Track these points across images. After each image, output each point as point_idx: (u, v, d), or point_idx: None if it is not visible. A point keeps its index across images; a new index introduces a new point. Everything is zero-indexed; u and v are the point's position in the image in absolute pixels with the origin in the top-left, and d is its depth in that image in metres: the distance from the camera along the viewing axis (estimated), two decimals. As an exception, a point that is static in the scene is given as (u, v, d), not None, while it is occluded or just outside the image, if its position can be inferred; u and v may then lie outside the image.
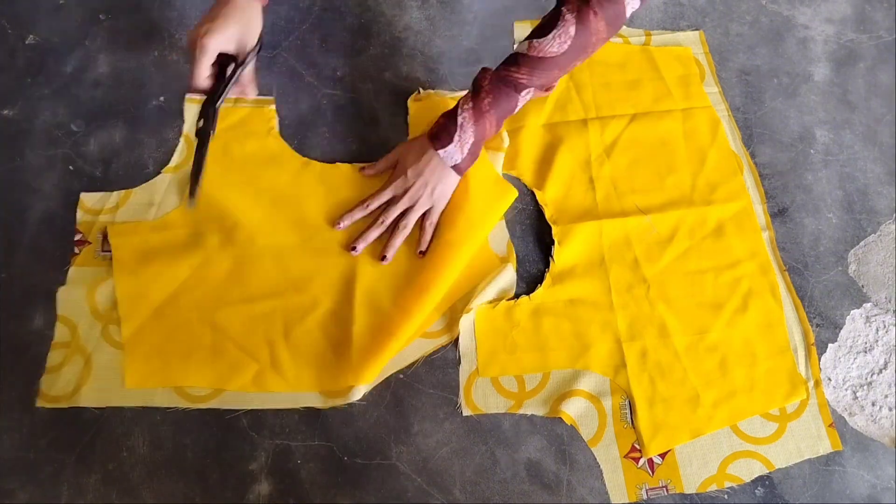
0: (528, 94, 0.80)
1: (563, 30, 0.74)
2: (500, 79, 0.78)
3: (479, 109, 0.78)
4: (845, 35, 1.05)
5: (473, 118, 0.79)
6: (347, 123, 0.93)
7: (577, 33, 0.74)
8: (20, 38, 0.97)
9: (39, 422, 0.76)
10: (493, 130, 0.81)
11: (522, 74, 0.77)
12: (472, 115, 0.78)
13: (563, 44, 0.75)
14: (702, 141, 0.94)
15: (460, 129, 0.79)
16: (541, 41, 0.75)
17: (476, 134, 0.79)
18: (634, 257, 0.86)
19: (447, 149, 0.80)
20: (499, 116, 0.80)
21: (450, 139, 0.79)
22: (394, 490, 0.75)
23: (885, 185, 0.94)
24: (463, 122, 0.79)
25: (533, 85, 0.78)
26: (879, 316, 0.86)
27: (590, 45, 0.76)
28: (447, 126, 0.80)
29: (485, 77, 0.79)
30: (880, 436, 0.79)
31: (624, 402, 0.79)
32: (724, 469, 0.77)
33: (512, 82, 0.78)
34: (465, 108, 0.79)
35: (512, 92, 0.78)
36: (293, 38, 0.99)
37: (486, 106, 0.78)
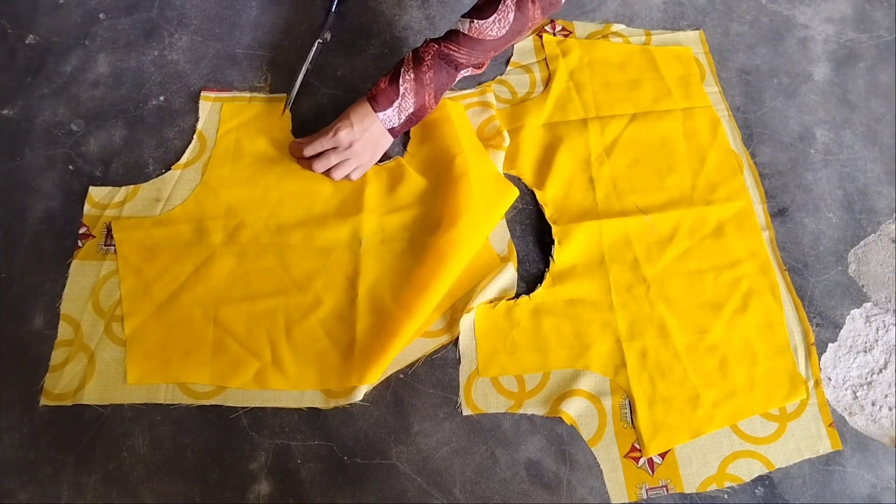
0: (466, 72, 0.84)
1: (503, 15, 0.79)
2: (441, 55, 0.81)
3: (421, 81, 0.82)
4: (845, 34, 1.05)
5: (414, 89, 0.82)
6: (347, 123, 0.93)
7: (515, 19, 0.79)
8: (20, 37, 0.97)
9: (39, 422, 0.76)
10: (433, 103, 0.84)
11: (462, 54, 0.81)
12: (414, 86, 0.82)
13: (502, 28, 0.79)
14: (702, 141, 0.94)
15: (401, 98, 0.82)
16: (481, 24, 0.79)
17: (416, 104, 0.83)
18: (634, 257, 0.86)
19: (386, 112, 0.83)
20: (437, 90, 0.83)
21: (389, 104, 0.82)
22: (394, 490, 0.75)
23: (885, 185, 0.94)
24: (405, 91, 0.82)
25: (470, 64, 0.83)
26: (879, 315, 0.86)
27: (525, 29, 0.81)
28: (388, 92, 0.82)
29: (427, 51, 0.82)
30: (880, 435, 0.79)
31: (624, 402, 0.79)
32: (724, 469, 0.77)
33: (453, 61, 0.81)
34: (406, 77, 0.82)
35: (451, 70, 0.82)
36: (293, 37, 0.99)
37: (427, 79, 0.82)
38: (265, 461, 0.75)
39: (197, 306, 0.80)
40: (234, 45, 0.98)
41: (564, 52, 0.98)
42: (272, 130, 0.91)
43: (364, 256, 0.83)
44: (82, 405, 0.76)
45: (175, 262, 0.82)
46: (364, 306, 0.81)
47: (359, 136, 0.83)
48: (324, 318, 0.80)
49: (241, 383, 0.77)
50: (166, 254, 0.82)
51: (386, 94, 0.82)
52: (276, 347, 0.79)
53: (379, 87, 0.83)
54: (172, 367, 0.78)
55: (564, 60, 0.98)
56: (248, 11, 1.00)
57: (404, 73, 0.82)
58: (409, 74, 0.82)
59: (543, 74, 0.98)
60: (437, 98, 0.84)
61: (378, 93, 0.83)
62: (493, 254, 0.85)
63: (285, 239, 0.84)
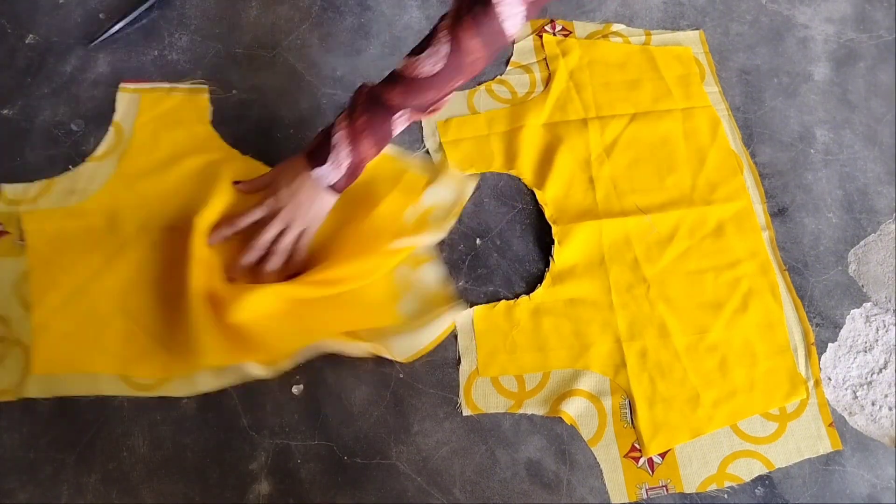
0: (403, 116, 0.73)
1: (436, 49, 0.68)
2: (373, 98, 0.72)
3: (355, 129, 0.73)
4: (845, 34, 1.05)
5: (349, 138, 0.73)
6: (347, 123, 0.93)
7: (451, 53, 0.68)
8: (20, 37, 0.97)
9: (39, 422, 0.76)
10: (373, 152, 0.75)
11: (396, 94, 0.71)
12: (348, 135, 0.73)
13: (437, 64, 0.68)
14: (702, 141, 0.94)
15: (335, 150, 0.73)
16: (415, 60, 0.69)
17: (352, 155, 0.74)
18: (634, 257, 0.86)
19: (321, 169, 0.74)
20: (376, 138, 0.74)
21: (324, 159, 0.74)
22: (394, 490, 0.75)
23: (885, 185, 0.94)
24: (337, 142, 0.73)
25: (407, 106, 0.72)
26: (879, 315, 0.86)
27: (465, 65, 0.69)
28: (322, 145, 0.74)
29: (360, 95, 0.74)
30: (880, 435, 0.79)
31: (624, 402, 0.79)
32: (723, 469, 0.77)
33: (384, 103, 0.72)
34: (340, 126, 0.73)
35: (385, 114, 0.72)
36: (293, 37, 0.99)
37: (360, 125, 0.73)
38: (265, 461, 0.75)
39: (106, 297, 0.80)
40: (234, 45, 0.98)
41: (564, 52, 0.98)
42: (191, 122, 0.91)
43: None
44: (82, 405, 0.76)
45: (85, 253, 0.81)
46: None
47: (285, 201, 0.76)
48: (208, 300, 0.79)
49: (149, 372, 0.77)
50: (77, 245, 0.82)
51: (320, 148, 0.74)
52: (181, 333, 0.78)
53: (313, 143, 0.76)
54: (79, 356, 0.77)
55: (564, 60, 0.98)
56: (248, 11, 1.00)
57: (338, 122, 0.74)
58: (343, 123, 0.73)
59: (543, 74, 0.98)
60: (377, 146, 0.75)
61: (312, 147, 0.76)
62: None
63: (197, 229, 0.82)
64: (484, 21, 0.66)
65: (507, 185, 0.91)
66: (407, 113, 0.73)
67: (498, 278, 0.85)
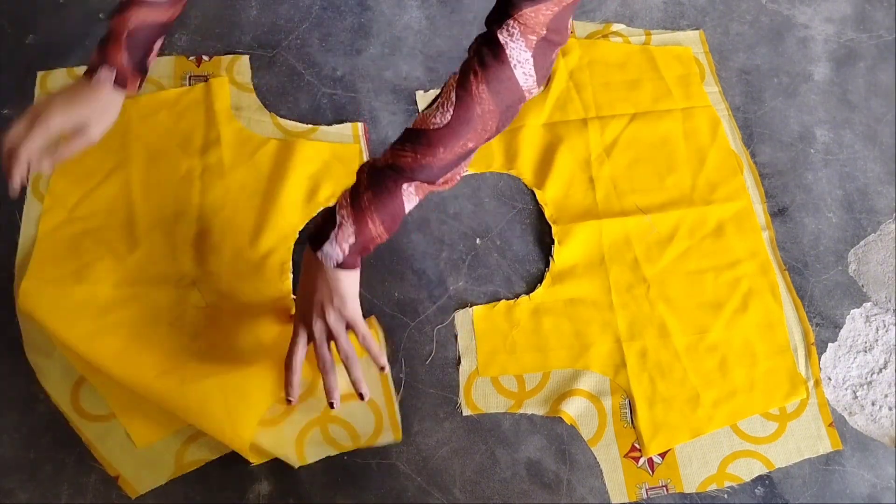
0: (410, 188, 0.67)
1: (447, 97, 0.64)
2: (377, 171, 0.67)
3: (359, 206, 0.67)
4: (845, 34, 1.05)
5: (353, 215, 0.67)
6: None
7: (459, 100, 0.63)
8: (20, 37, 0.97)
9: (39, 422, 0.76)
10: (380, 230, 0.68)
11: (406, 152, 0.65)
12: (352, 213, 0.67)
13: (446, 113, 0.64)
14: (702, 140, 0.94)
15: (338, 228, 0.67)
16: (427, 112, 0.65)
17: (357, 233, 0.67)
18: (634, 257, 0.86)
19: (323, 249, 0.67)
20: (382, 215, 0.67)
21: (325, 238, 0.67)
22: (394, 490, 0.75)
23: (885, 185, 0.94)
24: (341, 220, 0.67)
25: (417, 166, 0.65)
26: (879, 315, 0.86)
27: (475, 117, 0.64)
28: (324, 226, 0.68)
29: (363, 170, 0.68)
30: (880, 435, 0.79)
31: (624, 402, 0.79)
32: (723, 468, 0.77)
33: (394, 168, 0.66)
34: (343, 203, 0.68)
35: (392, 185, 0.66)
36: (293, 37, 0.99)
37: (364, 202, 0.66)
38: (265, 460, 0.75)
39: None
40: (234, 45, 0.98)
41: (564, 52, 0.98)
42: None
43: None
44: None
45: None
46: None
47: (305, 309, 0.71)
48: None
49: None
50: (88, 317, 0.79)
51: (322, 228, 0.68)
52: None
53: (316, 223, 0.70)
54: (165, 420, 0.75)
55: (564, 60, 0.98)
56: (248, 11, 1.00)
57: (341, 200, 0.68)
58: (346, 199, 0.67)
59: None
60: (384, 222, 0.67)
61: (315, 230, 0.70)
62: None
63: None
64: (492, 65, 0.63)
65: (507, 185, 0.91)
66: (414, 187, 0.67)
67: (498, 278, 0.85)
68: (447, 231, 0.87)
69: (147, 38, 0.74)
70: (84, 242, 0.82)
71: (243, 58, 0.96)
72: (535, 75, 0.64)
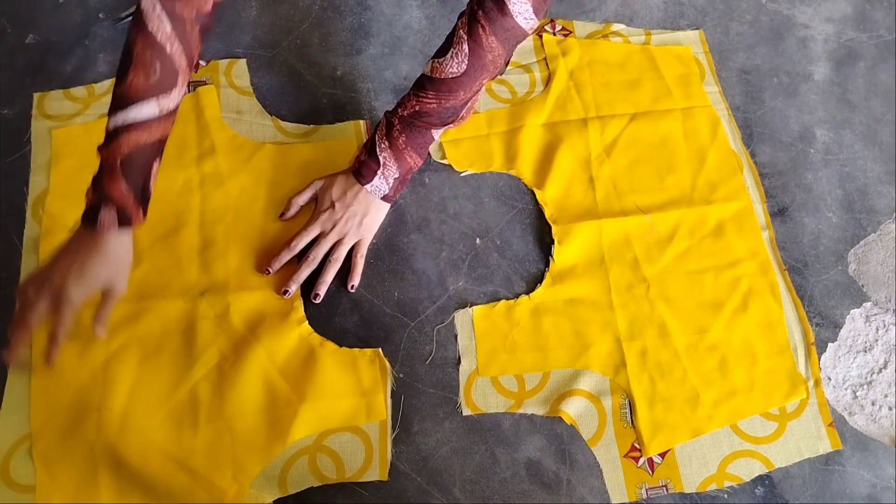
0: (438, 132, 0.81)
1: (459, 48, 0.73)
2: (409, 117, 0.78)
3: (396, 147, 0.80)
4: (845, 34, 1.05)
5: (393, 156, 0.80)
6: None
7: (471, 50, 0.72)
8: (20, 37, 0.97)
9: (39, 421, 0.76)
10: (417, 161, 0.82)
11: (430, 99, 0.77)
12: (392, 153, 0.80)
13: (462, 63, 0.73)
14: (702, 140, 0.94)
15: (383, 167, 0.81)
16: (441, 61, 0.74)
17: (399, 168, 0.81)
18: (634, 257, 0.86)
19: (373, 182, 0.81)
20: (416, 149, 0.80)
21: (373, 174, 0.81)
22: (394, 489, 0.75)
23: (885, 185, 0.94)
24: (384, 160, 0.80)
25: (441, 109, 0.77)
26: (879, 315, 0.86)
27: (487, 62, 0.73)
28: (369, 163, 0.81)
29: (395, 117, 0.80)
30: (880, 435, 0.79)
31: (624, 402, 0.79)
32: (723, 468, 0.77)
33: (422, 116, 0.78)
34: (382, 146, 0.80)
35: (423, 129, 0.79)
36: (293, 37, 0.99)
37: (401, 144, 0.79)
38: (265, 461, 0.75)
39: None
40: (234, 45, 0.98)
41: (564, 52, 0.98)
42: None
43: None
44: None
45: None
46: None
47: (340, 214, 0.82)
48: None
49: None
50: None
51: (368, 166, 0.81)
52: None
53: (360, 160, 0.82)
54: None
55: (564, 60, 0.98)
56: (248, 11, 1.00)
57: (379, 142, 0.81)
58: (384, 143, 0.80)
59: (543, 74, 0.98)
60: (420, 155, 0.82)
61: (360, 166, 0.82)
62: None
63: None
64: (497, 18, 0.70)
65: (507, 185, 0.91)
66: (440, 130, 0.80)
67: (498, 278, 0.85)
68: (447, 231, 0.87)
69: (144, 161, 0.68)
70: None
71: (240, 61, 0.96)
72: (535, 18, 0.71)
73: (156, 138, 0.68)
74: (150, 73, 0.66)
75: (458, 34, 0.73)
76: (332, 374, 0.78)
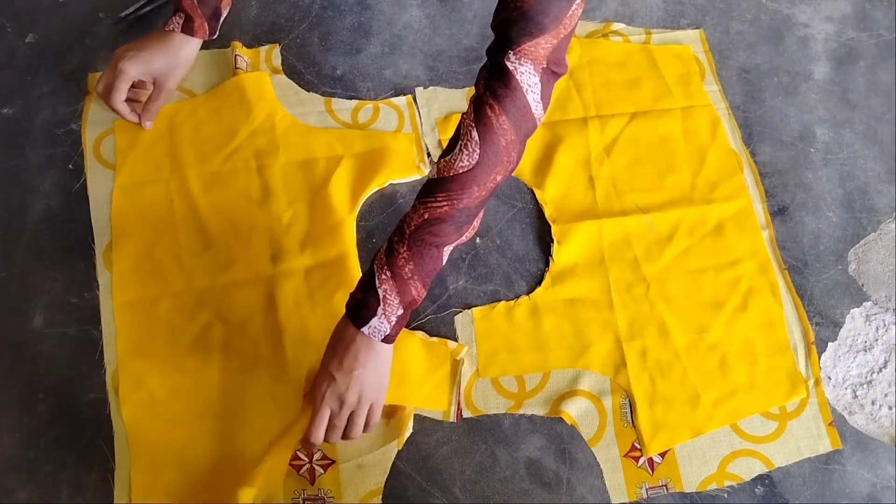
0: (451, 247, 0.69)
1: (468, 138, 0.64)
2: (414, 238, 0.66)
3: (401, 278, 0.67)
4: (845, 33, 1.05)
5: (396, 288, 0.67)
6: (347, 122, 0.93)
7: (482, 137, 0.64)
8: (20, 36, 0.97)
9: (39, 421, 0.76)
10: (422, 294, 0.69)
11: (441, 202, 0.65)
12: (395, 285, 0.67)
13: (473, 153, 0.64)
14: (702, 139, 0.94)
15: (384, 303, 0.67)
16: (449, 158, 0.65)
17: (402, 304, 0.67)
18: (634, 256, 0.86)
19: (370, 324, 0.67)
20: (424, 278, 0.68)
21: (372, 314, 0.67)
22: (394, 489, 0.75)
23: (886, 184, 0.94)
24: (384, 294, 0.67)
25: (455, 212, 0.66)
26: (879, 314, 0.86)
27: (501, 149, 0.65)
28: (367, 301, 0.67)
29: (401, 240, 0.67)
30: (880, 434, 0.80)
31: (624, 402, 0.79)
32: (723, 468, 0.77)
33: (430, 239, 0.66)
34: (383, 277, 0.67)
35: (434, 251, 0.67)
36: (293, 36, 0.99)
37: (407, 273, 0.67)
38: (265, 460, 0.75)
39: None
40: (234, 44, 0.98)
41: (564, 51, 0.98)
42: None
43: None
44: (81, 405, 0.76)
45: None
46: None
47: (343, 386, 0.69)
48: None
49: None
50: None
51: (365, 305, 0.67)
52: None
53: (355, 298, 0.69)
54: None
55: (564, 59, 0.98)
56: (248, 11, 1.00)
57: (379, 273, 0.67)
58: (385, 273, 0.67)
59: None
60: (425, 286, 0.69)
61: (355, 305, 0.68)
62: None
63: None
64: (506, 95, 0.63)
65: (506, 185, 0.91)
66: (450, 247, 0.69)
67: (498, 278, 0.85)
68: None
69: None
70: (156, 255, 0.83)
71: (277, 47, 0.97)
72: (542, 102, 0.65)
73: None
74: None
75: (463, 126, 0.65)
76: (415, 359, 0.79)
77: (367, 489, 0.74)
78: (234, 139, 0.89)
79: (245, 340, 0.79)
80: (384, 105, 0.94)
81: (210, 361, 0.78)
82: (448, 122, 0.92)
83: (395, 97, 0.94)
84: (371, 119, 0.93)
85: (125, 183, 0.86)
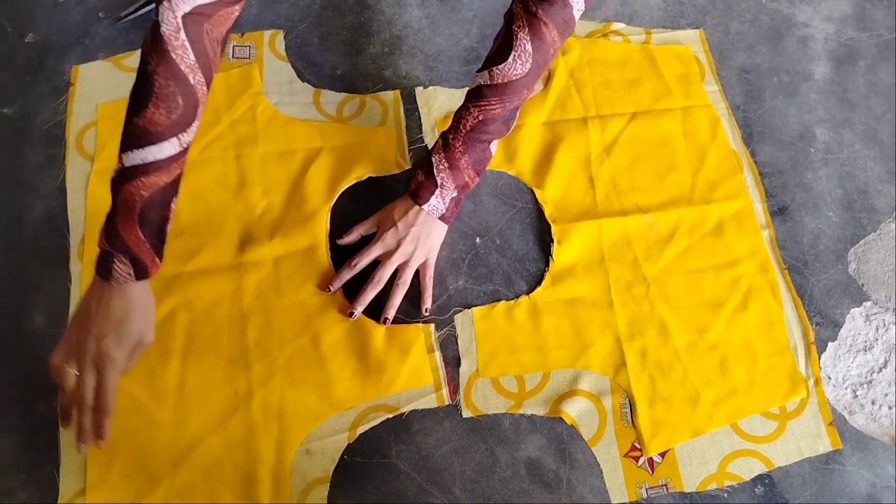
0: (496, 143, 0.80)
1: (522, 49, 0.72)
2: (469, 136, 0.77)
3: (457, 167, 0.79)
4: (845, 33, 1.05)
5: (452, 175, 0.79)
6: (347, 122, 0.93)
7: (535, 49, 0.72)
8: (20, 36, 0.97)
9: (39, 421, 0.76)
10: (475, 179, 0.81)
11: (494, 104, 0.75)
12: (451, 173, 0.79)
13: (526, 63, 0.73)
14: (702, 139, 0.94)
15: (441, 187, 0.79)
16: (503, 67, 0.73)
17: (456, 187, 0.80)
18: (634, 256, 0.86)
19: (430, 202, 0.80)
20: (475, 168, 0.80)
21: (431, 194, 0.79)
22: (393, 489, 0.75)
23: (885, 184, 0.94)
24: (442, 180, 0.79)
25: (506, 112, 0.76)
26: (879, 314, 0.86)
27: (549, 56, 0.74)
28: (426, 184, 0.80)
29: (456, 136, 0.78)
30: (880, 434, 0.80)
31: (624, 402, 0.79)
32: (723, 468, 0.77)
33: (482, 136, 0.77)
34: (441, 166, 0.79)
35: (485, 147, 0.79)
36: (293, 36, 0.99)
37: (462, 164, 0.79)
38: (265, 460, 0.75)
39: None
40: (234, 44, 0.98)
41: (564, 51, 0.98)
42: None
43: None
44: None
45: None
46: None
47: (403, 233, 0.80)
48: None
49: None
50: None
51: (426, 188, 0.80)
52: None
53: (417, 181, 0.81)
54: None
55: (564, 59, 0.98)
56: (248, 11, 1.00)
57: (437, 163, 0.79)
58: (443, 164, 0.79)
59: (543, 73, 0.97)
60: (479, 173, 0.81)
61: (417, 187, 0.80)
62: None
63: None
64: (558, 11, 0.71)
65: (506, 184, 0.91)
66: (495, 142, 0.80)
67: (498, 277, 0.85)
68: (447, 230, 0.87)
69: (163, 202, 0.66)
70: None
71: (281, 33, 0.98)
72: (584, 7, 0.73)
73: (175, 175, 0.66)
74: (171, 109, 0.62)
75: (516, 37, 0.72)
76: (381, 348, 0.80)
77: (314, 475, 0.74)
78: (215, 128, 0.90)
79: (208, 327, 0.79)
80: (371, 99, 0.94)
81: (171, 348, 0.78)
82: (448, 122, 0.92)
83: (383, 91, 0.95)
84: (356, 113, 0.93)
85: (103, 167, 0.87)
